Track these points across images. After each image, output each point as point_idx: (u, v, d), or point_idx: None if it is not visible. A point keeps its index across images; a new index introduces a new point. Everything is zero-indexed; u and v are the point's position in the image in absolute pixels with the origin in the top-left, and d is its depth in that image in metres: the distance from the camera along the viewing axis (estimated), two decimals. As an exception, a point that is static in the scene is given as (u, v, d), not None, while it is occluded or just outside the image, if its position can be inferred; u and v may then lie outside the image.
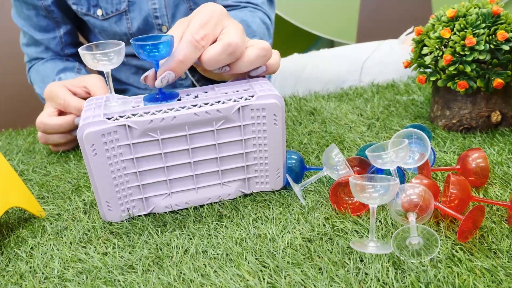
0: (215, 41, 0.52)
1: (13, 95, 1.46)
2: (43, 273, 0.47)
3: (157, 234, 0.52)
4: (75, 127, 0.74)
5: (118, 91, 1.00)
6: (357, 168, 0.58)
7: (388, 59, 1.02)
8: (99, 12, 0.86)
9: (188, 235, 0.51)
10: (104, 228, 0.54)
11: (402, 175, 0.53)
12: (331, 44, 2.20)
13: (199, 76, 0.66)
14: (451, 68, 0.64)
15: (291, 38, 2.16)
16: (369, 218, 0.50)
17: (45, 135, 0.74)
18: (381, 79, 0.99)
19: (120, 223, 0.54)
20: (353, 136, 0.72)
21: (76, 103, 0.71)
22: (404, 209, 0.47)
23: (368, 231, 0.48)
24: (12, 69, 1.43)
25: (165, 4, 0.86)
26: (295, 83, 1.06)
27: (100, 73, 1.03)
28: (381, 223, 0.49)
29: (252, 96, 0.53)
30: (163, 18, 0.87)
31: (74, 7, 0.87)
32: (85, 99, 0.73)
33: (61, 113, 0.75)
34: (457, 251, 0.43)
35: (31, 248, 0.51)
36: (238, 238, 0.49)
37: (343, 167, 0.54)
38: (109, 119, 0.50)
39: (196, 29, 0.51)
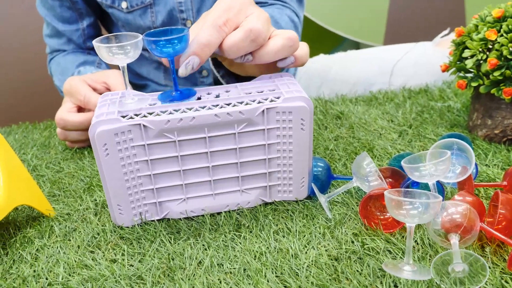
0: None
1: (31, 87, 1.45)
2: (46, 279, 0.44)
3: (169, 242, 0.48)
4: None
5: (137, 86, 0.97)
6: (390, 179, 0.53)
7: (421, 62, 0.96)
8: (124, 4, 0.83)
9: (203, 245, 0.47)
10: (114, 232, 0.50)
11: (442, 190, 0.48)
12: (356, 46, 2.14)
13: (224, 71, 0.63)
14: (496, 73, 0.59)
15: (316, 39, 2.11)
16: (403, 236, 0.46)
17: (64, 132, 0.71)
18: (413, 83, 0.93)
19: (131, 227, 0.51)
20: (383, 144, 0.67)
21: (97, 100, 0.68)
22: (445, 230, 0.42)
23: (403, 252, 0.43)
24: (31, 61, 1.42)
25: None
26: (320, 84, 1.01)
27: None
28: (417, 243, 0.45)
29: (278, 98, 0.49)
30: (188, 12, 0.83)
31: None
32: None
33: (80, 108, 0.72)
34: (507, 282, 0.38)
35: (37, 250, 0.48)
36: (257, 251, 0.45)
37: (375, 178, 0.49)
38: (123, 117, 0.47)
39: (218, 14, 0.48)
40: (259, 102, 0.48)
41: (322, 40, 2.10)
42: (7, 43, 1.41)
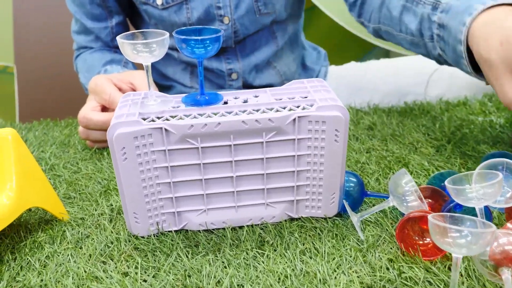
0: None
1: (54, 84, 1.45)
2: (55, 290, 0.41)
3: (187, 257, 0.44)
4: None
5: (161, 87, 0.94)
6: (429, 200, 0.48)
7: (459, 73, 0.91)
8: (159, 1, 0.81)
9: (222, 262, 0.44)
10: (129, 241, 0.47)
11: (490, 216, 0.43)
12: (386, 54, 2.07)
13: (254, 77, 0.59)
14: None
15: (345, 45, 2.05)
16: (445, 266, 0.41)
17: (86, 131, 0.69)
18: (450, 95, 0.88)
19: (147, 237, 0.47)
20: (419, 159, 0.62)
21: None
22: (495, 262, 0.37)
23: (445, 284, 0.39)
24: (55, 58, 1.41)
25: None
26: (351, 92, 0.97)
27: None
28: (461, 275, 0.40)
29: (311, 105, 0.45)
30: (225, 9, 0.80)
31: None
32: None
33: (104, 108, 0.70)
34: None
35: (47, 256, 0.46)
36: (281, 273, 0.41)
37: (414, 198, 0.45)
38: (144, 119, 0.44)
39: None
40: (290, 110, 0.45)
41: (351, 46, 2.04)
42: (37, 36, 1.41)
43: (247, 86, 0.90)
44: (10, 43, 1.43)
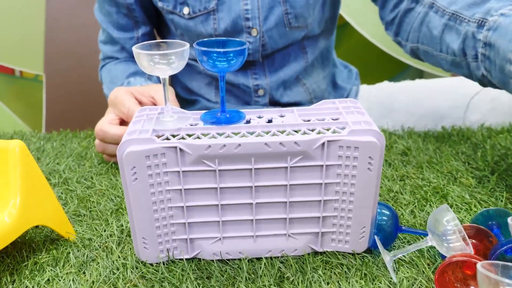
0: None
1: (81, 94, 1.45)
2: (52, 320, 0.37)
3: (197, 291, 0.40)
4: None
5: (185, 101, 0.92)
6: (472, 240, 0.42)
7: (504, 97, 0.84)
8: (186, 10, 0.78)
9: (236, 299, 0.39)
10: (136, 268, 0.43)
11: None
12: (420, 74, 2.00)
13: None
14: None
15: (377, 64, 1.99)
16: (494, 323, 0.35)
17: (103, 144, 0.66)
18: (493, 120, 0.81)
19: (155, 265, 0.43)
20: (459, 191, 0.56)
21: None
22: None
23: None
24: (84, 68, 1.42)
25: (258, 5, 0.76)
26: (384, 114, 0.91)
27: (172, 81, 0.96)
28: (514, 336, 0.34)
29: (343, 129, 0.40)
30: (254, 20, 0.77)
31: (160, 4, 0.80)
32: None
33: (122, 121, 0.67)
34: None
35: (47, 281, 0.42)
36: (302, 318, 0.36)
37: (456, 238, 0.39)
38: (158, 137, 0.40)
39: None
40: (319, 133, 0.40)
41: (383, 65, 1.98)
42: (67, 46, 1.42)
43: (274, 103, 0.86)
44: (41, 52, 1.45)
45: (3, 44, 1.43)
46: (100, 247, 0.47)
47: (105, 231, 0.50)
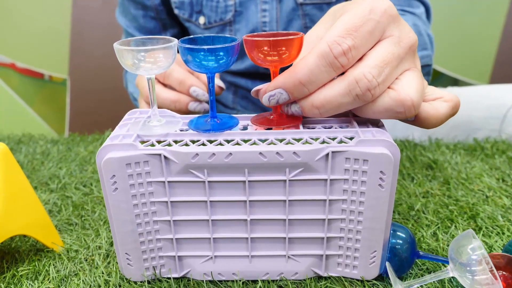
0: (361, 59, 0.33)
1: (105, 98, 1.45)
2: None
3: (182, 316, 0.36)
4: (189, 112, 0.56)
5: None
6: (503, 272, 0.36)
7: (545, 108, 0.76)
8: (202, 20, 0.75)
9: (223, 329, 0.34)
10: (119, 286, 0.39)
11: None
12: (455, 82, 1.90)
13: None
14: None
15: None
16: None
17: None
18: (532, 133, 0.74)
19: (140, 283, 0.39)
20: (491, 211, 0.50)
21: (179, 75, 0.55)
22: None
23: None
24: (108, 72, 1.42)
25: (276, 18, 0.73)
26: (409, 124, 0.85)
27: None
28: None
29: (351, 139, 0.35)
30: None
31: (176, 11, 0.77)
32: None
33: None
34: None
35: (24, 296, 0.39)
36: None
37: (482, 270, 0.33)
38: (142, 143, 0.36)
39: (337, 35, 0.32)
40: (323, 142, 0.35)
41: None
42: (92, 50, 1.42)
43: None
44: (66, 56, 1.46)
45: (32, 49, 1.45)
46: (86, 260, 0.43)
47: (94, 242, 0.46)
